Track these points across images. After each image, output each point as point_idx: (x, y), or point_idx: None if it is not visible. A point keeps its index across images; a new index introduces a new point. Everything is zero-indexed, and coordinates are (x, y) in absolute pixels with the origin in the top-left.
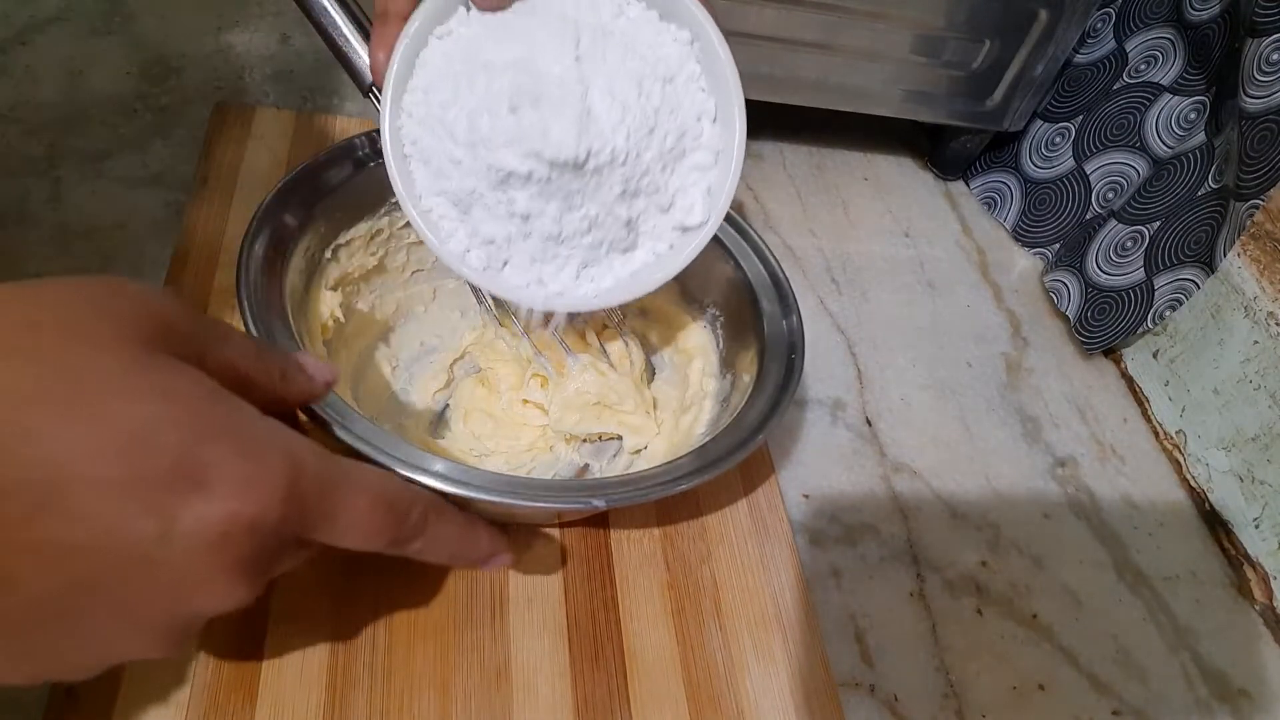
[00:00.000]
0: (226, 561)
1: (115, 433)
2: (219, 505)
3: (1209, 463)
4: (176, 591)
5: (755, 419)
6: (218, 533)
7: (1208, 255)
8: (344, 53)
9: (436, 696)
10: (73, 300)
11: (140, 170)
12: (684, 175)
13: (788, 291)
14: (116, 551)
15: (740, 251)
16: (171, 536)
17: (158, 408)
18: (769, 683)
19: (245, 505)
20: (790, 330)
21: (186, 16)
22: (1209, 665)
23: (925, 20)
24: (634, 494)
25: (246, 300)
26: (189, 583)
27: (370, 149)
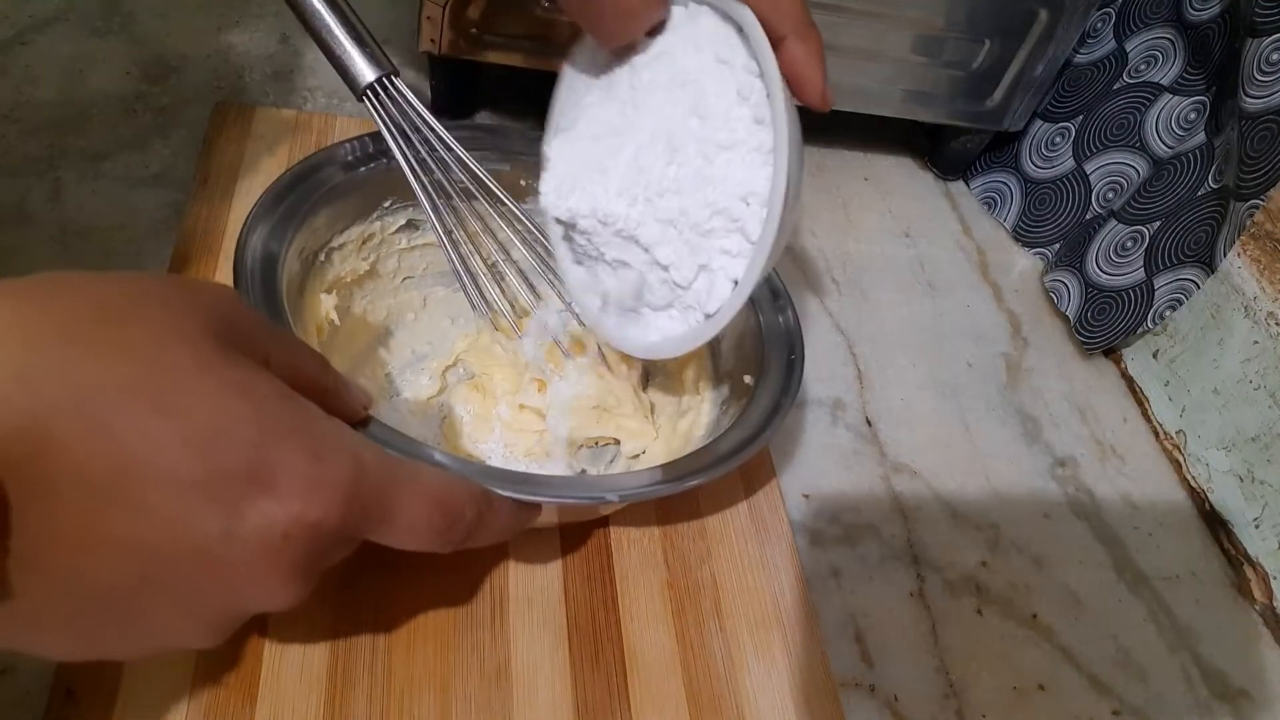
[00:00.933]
0: (284, 561)
1: (190, 430)
2: (285, 506)
3: (1209, 463)
4: (233, 588)
5: (759, 418)
6: (280, 533)
7: (1208, 255)
8: (337, 55)
9: (436, 696)
10: (157, 294)
11: (140, 170)
12: (709, 256)
13: (780, 289)
14: (181, 546)
15: None
16: (235, 534)
17: (232, 406)
18: (769, 683)
19: (310, 507)
20: (788, 330)
21: (186, 16)
22: (1209, 665)
23: (925, 20)
24: (645, 490)
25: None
26: (246, 580)
27: (360, 153)
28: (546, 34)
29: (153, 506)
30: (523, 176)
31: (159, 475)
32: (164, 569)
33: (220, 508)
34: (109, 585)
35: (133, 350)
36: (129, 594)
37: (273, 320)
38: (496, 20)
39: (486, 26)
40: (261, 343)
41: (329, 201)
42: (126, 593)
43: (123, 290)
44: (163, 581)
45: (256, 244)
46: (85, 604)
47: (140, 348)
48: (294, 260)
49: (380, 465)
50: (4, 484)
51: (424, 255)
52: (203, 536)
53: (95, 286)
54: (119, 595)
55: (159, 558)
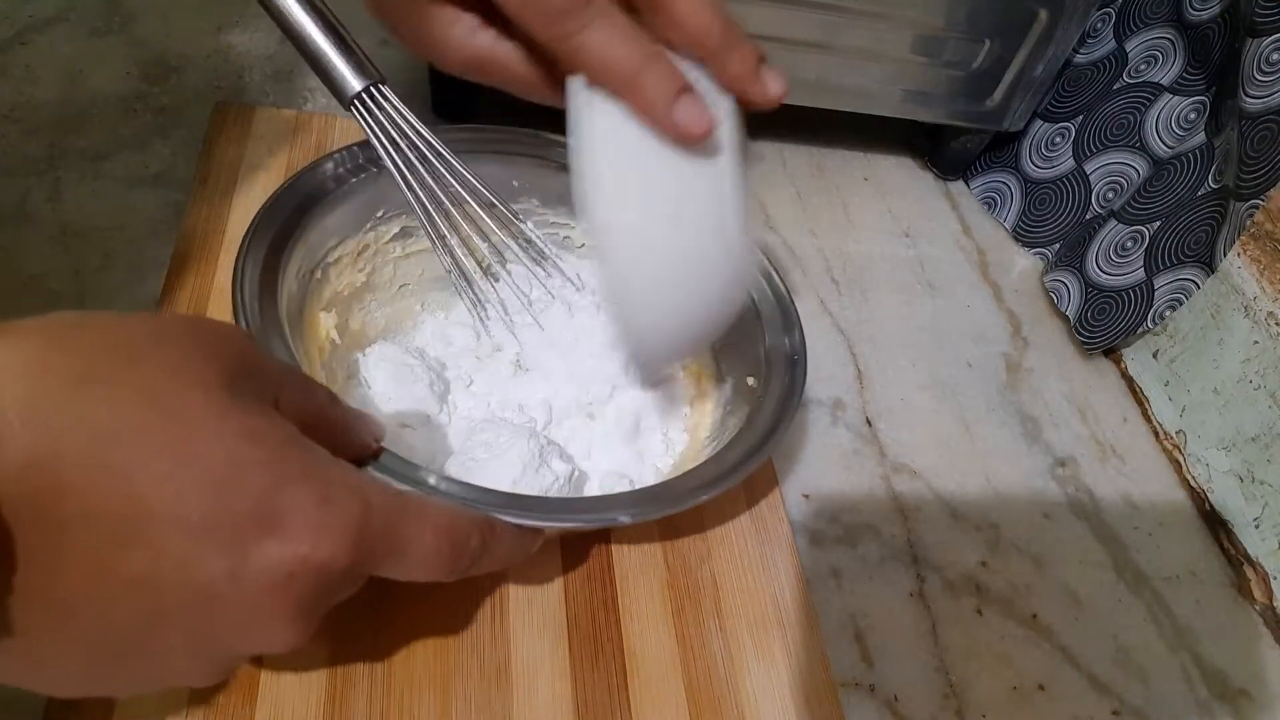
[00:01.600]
0: (289, 601)
1: (200, 474)
2: (291, 548)
3: (1209, 463)
4: (238, 628)
5: (764, 426)
6: (284, 573)
7: (1208, 255)
8: (322, 65)
9: (436, 696)
10: (173, 337)
11: (140, 170)
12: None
13: (790, 309)
14: (189, 587)
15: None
16: (241, 576)
17: (242, 452)
18: (769, 683)
19: (316, 550)
20: (792, 344)
21: (186, 16)
22: (1209, 665)
23: (925, 20)
24: (655, 509)
25: (247, 329)
26: (251, 620)
27: (350, 164)
28: None
29: (162, 548)
30: (515, 178)
31: (169, 518)
32: (172, 608)
33: (228, 550)
34: (117, 623)
35: (147, 393)
36: (136, 633)
37: (281, 359)
38: None
39: None
40: (272, 383)
41: (322, 217)
42: (134, 631)
43: (140, 331)
44: (170, 621)
45: (253, 272)
46: (91, 643)
47: (154, 391)
48: (292, 281)
49: (387, 504)
50: (10, 521)
51: (419, 262)
52: (210, 577)
53: (114, 327)
54: (126, 634)
55: (167, 597)
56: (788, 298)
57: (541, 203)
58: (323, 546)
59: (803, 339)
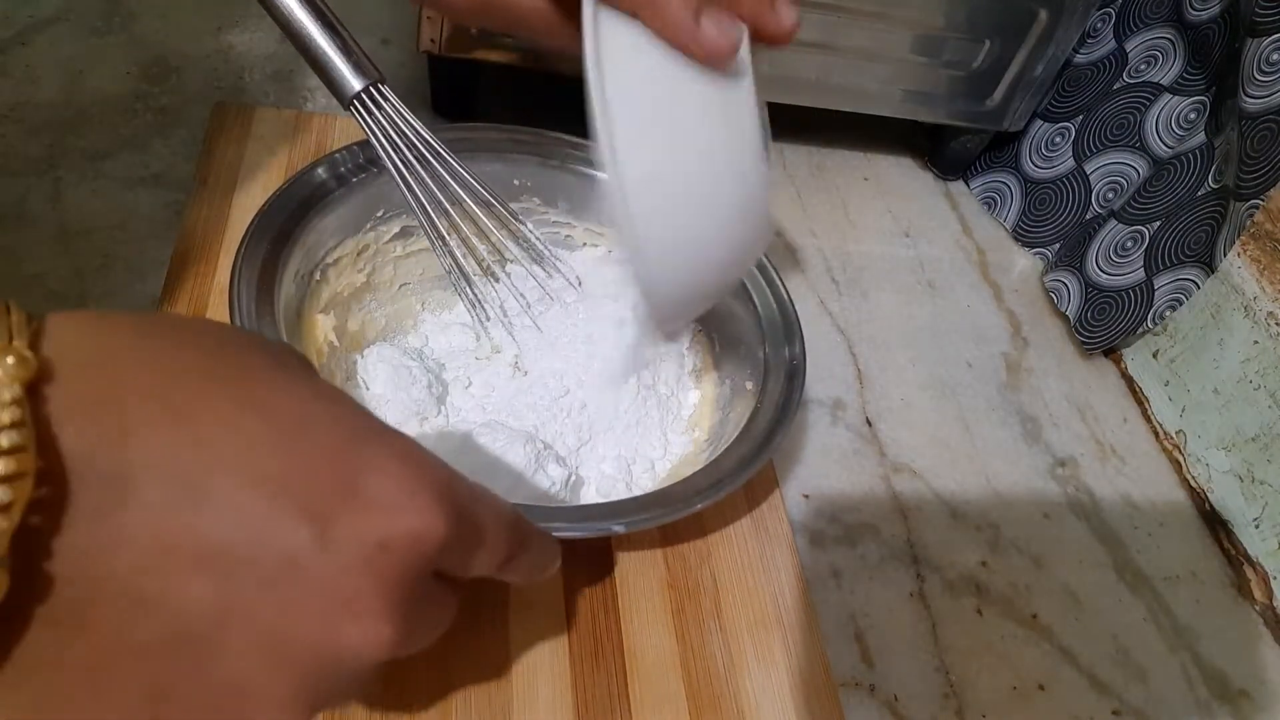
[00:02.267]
0: (384, 578)
1: (271, 424)
2: (381, 515)
3: (1209, 463)
4: (326, 614)
5: (762, 431)
6: (375, 543)
7: (1208, 255)
8: (322, 65)
9: (437, 697)
10: (213, 324)
11: (140, 170)
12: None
13: (791, 315)
14: (266, 560)
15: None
16: (327, 543)
17: (314, 406)
18: (769, 683)
19: (408, 515)
20: (792, 354)
21: (186, 16)
22: (1209, 665)
23: (925, 20)
24: (649, 518)
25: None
26: (341, 602)
27: (350, 164)
28: None
29: (237, 505)
30: (516, 176)
31: (242, 469)
32: (248, 590)
33: (310, 513)
34: (183, 616)
35: (211, 347)
36: (205, 629)
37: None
38: None
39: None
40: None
41: (320, 218)
42: (202, 627)
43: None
44: (245, 607)
45: (251, 276)
46: (152, 651)
47: (218, 346)
48: (289, 284)
49: (463, 481)
50: (70, 473)
51: (419, 261)
52: (291, 545)
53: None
54: (193, 634)
55: (243, 576)
56: (789, 304)
57: (543, 201)
58: (415, 513)
59: (803, 346)
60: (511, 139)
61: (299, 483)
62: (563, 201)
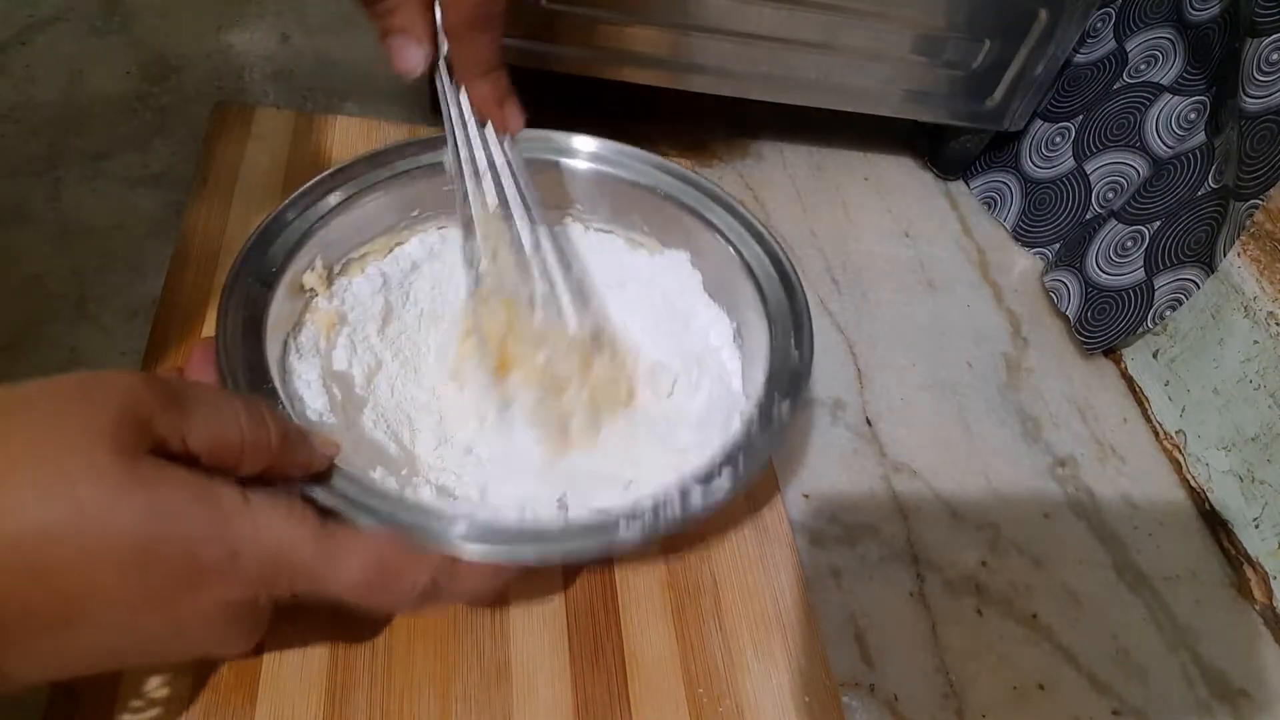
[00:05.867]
0: (224, 628)
1: (118, 563)
2: (213, 596)
3: (1209, 463)
4: (187, 650)
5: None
6: (214, 614)
7: (1208, 255)
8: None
9: (436, 696)
10: (62, 411)
11: (140, 170)
12: None
13: (804, 317)
14: (133, 639)
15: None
16: (177, 624)
17: (150, 529)
18: (769, 683)
19: (230, 595)
20: (795, 363)
21: (186, 16)
22: (1209, 665)
23: (925, 20)
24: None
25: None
26: (197, 645)
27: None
28: (547, 34)
29: (102, 623)
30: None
31: (100, 603)
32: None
33: (161, 610)
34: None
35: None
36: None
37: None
38: None
39: None
40: (176, 425)
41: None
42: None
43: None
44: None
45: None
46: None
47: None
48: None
49: (303, 538)
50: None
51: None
52: (151, 633)
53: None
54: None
55: (118, 646)
56: (804, 305)
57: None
58: (239, 590)
59: (811, 351)
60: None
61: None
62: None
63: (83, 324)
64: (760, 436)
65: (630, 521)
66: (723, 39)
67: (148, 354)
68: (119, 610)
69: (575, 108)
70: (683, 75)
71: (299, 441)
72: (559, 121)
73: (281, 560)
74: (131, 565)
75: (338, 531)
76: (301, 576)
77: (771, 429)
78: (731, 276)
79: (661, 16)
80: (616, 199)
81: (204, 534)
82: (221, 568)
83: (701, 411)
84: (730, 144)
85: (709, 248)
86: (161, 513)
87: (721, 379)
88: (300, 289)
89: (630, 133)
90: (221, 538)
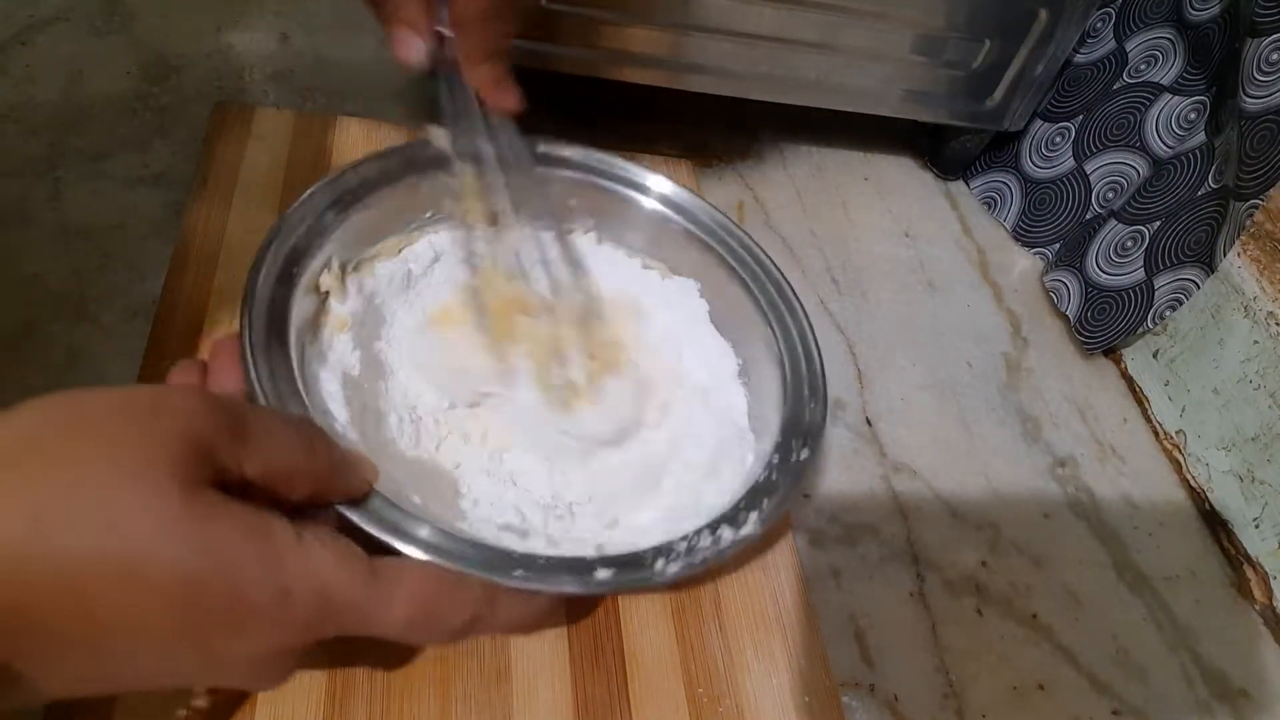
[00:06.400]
0: (258, 673)
1: (163, 599)
2: (255, 644)
3: (1209, 463)
4: (220, 682)
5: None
6: (255, 660)
7: (1208, 255)
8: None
9: (436, 697)
10: (128, 435)
11: (140, 170)
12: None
13: (820, 386)
14: (170, 671)
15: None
16: (212, 665)
17: (200, 568)
18: (769, 683)
19: (274, 640)
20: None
21: (186, 16)
22: (1209, 665)
23: (925, 20)
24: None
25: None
26: (232, 680)
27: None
28: (547, 34)
29: (136, 651)
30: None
31: (138, 634)
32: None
33: (198, 650)
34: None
35: (100, 520)
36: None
37: (252, 409)
38: None
39: None
40: (235, 453)
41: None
42: (118, 684)
43: (96, 425)
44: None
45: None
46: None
47: (108, 516)
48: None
49: (353, 580)
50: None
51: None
52: (184, 671)
53: (70, 420)
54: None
55: (147, 675)
56: (820, 366)
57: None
58: (284, 637)
59: (825, 398)
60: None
61: (189, 635)
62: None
63: (83, 324)
64: (782, 477)
65: (668, 558)
66: (723, 39)
67: (147, 354)
68: (155, 643)
69: (575, 108)
70: (683, 75)
71: (346, 468)
72: (560, 124)
73: (332, 603)
74: (176, 601)
75: (384, 569)
76: (349, 619)
77: (792, 470)
78: (743, 315)
79: (661, 16)
80: (634, 220)
81: (256, 575)
82: (270, 610)
83: (711, 442)
84: (730, 144)
85: (719, 281)
86: (213, 550)
87: (727, 413)
88: (316, 290)
89: (630, 133)
90: (274, 579)
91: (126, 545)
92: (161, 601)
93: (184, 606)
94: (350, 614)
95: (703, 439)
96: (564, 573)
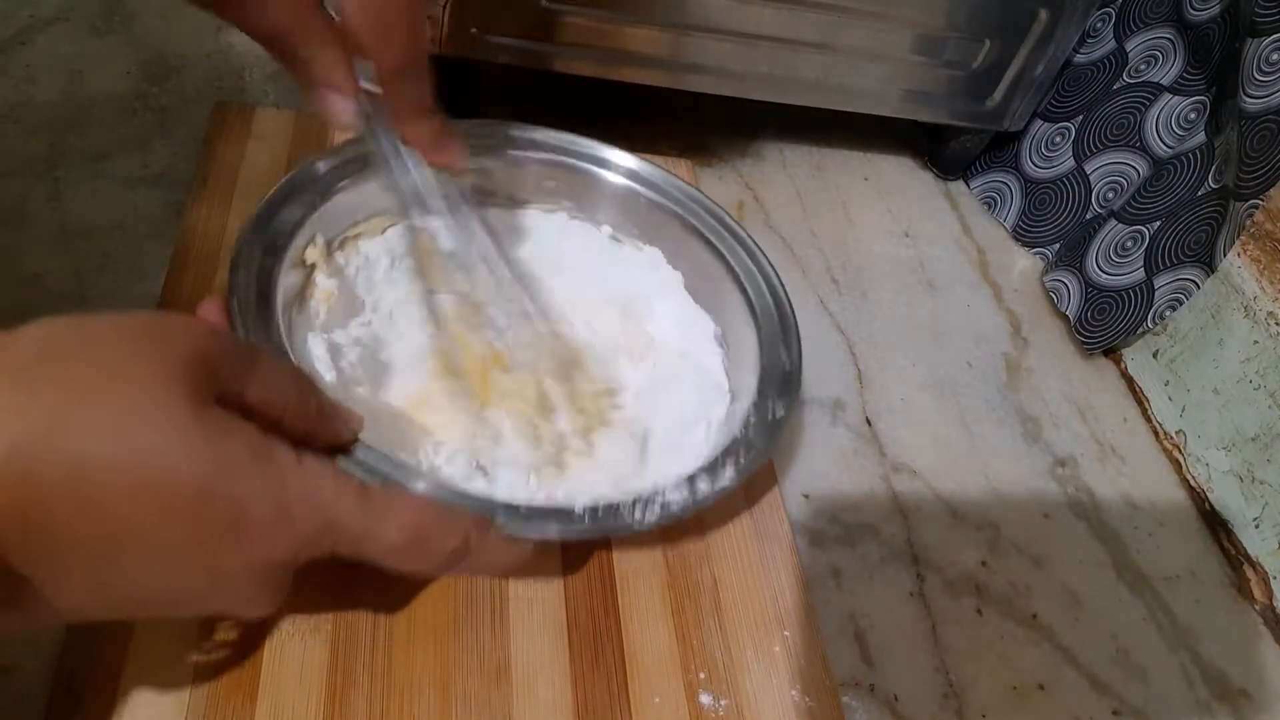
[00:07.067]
0: (256, 585)
1: (173, 504)
2: (256, 553)
3: (1209, 463)
4: (217, 605)
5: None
6: (255, 569)
7: (1208, 255)
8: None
9: (436, 696)
10: (135, 350)
11: (140, 170)
12: None
13: (790, 321)
14: (171, 588)
15: (747, 275)
16: (217, 577)
17: (211, 479)
18: (769, 683)
19: (272, 553)
20: (790, 360)
21: (186, 16)
22: (1209, 665)
23: (925, 20)
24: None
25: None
26: (227, 601)
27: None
28: (547, 34)
29: (144, 566)
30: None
31: (149, 539)
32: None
33: (205, 560)
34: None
35: (113, 424)
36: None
37: (253, 346)
38: (496, 20)
39: (486, 27)
40: (239, 380)
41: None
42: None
43: (115, 340)
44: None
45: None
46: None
47: (121, 421)
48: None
49: (349, 500)
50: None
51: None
52: (190, 583)
53: (92, 335)
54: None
55: (155, 591)
56: (789, 309)
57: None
58: (284, 548)
59: (799, 353)
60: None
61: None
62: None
63: None
64: (759, 432)
65: (646, 506)
66: (723, 39)
67: None
68: (163, 554)
69: (575, 108)
70: (683, 75)
71: (333, 415)
72: (559, 121)
73: (329, 519)
74: (185, 512)
75: (378, 494)
76: (345, 536)
77: (769, 425)
78: (716, 281)
79: (661, 16)
80: (608, 198)
81: (259, 491)
82: (271, 525)
83: (690, 405)
84: (730, 144)
85: (692, 251)
86: (221, 464)
87: (705, 373)
88: (302, 264)
89: (630, 133)
90: (276, 495)
91: (138, 452)
92: (170, 508)
93: (191, 515)
94: (345, 533)
95: (683, 403)
96: (549, 519)
